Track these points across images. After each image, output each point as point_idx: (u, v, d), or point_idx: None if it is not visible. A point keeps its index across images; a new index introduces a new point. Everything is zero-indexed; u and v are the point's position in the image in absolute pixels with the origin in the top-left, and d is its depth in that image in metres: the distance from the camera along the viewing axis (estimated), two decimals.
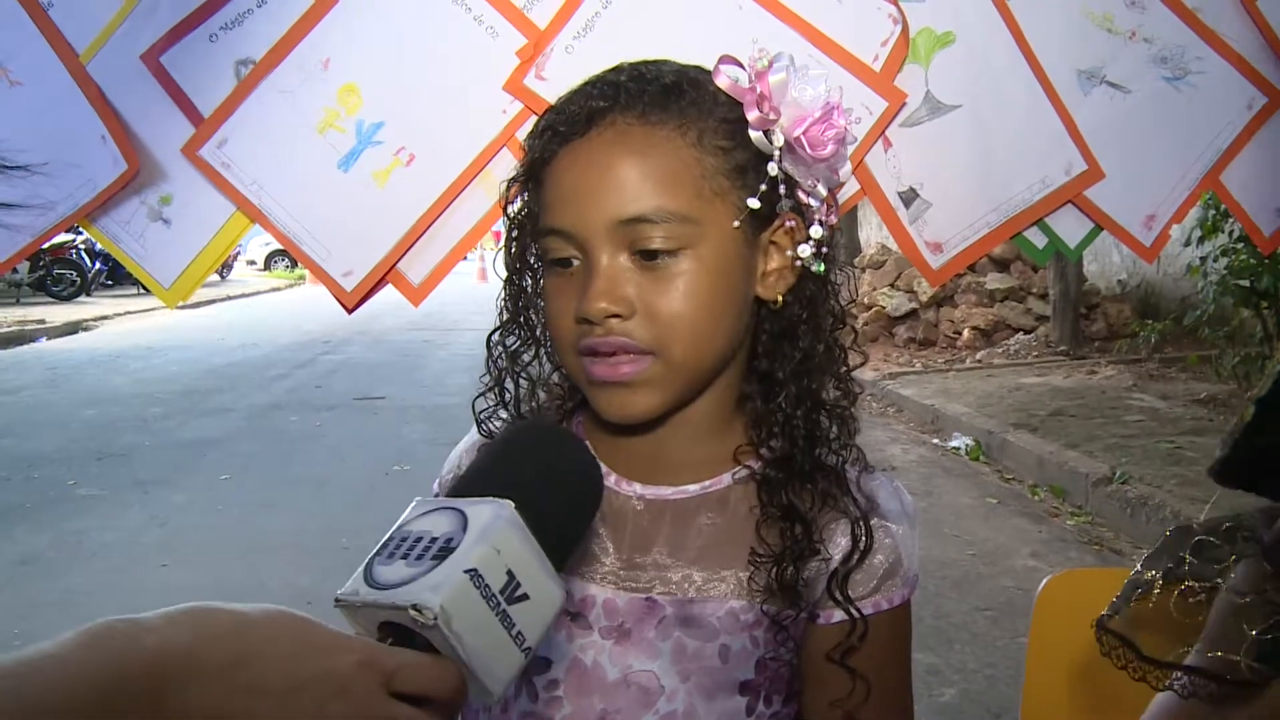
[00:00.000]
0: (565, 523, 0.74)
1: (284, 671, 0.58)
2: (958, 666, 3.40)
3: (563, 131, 0.86)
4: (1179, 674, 0.87)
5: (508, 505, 0.67)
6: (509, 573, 0.65)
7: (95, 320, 15.09)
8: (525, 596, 0.65)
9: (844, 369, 0.94)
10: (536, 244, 0.91)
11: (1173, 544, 0.98)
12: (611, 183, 0.83)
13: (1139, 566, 0.99)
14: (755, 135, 0.85)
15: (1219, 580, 0.90)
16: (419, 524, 0.67)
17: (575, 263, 0.86)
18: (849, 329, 0.95)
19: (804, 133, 0.85)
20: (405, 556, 0.65)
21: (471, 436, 1.03)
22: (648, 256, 0.83)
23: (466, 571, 0.63)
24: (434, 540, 0.65)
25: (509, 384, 0.97)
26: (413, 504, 0.70)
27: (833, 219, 0.91)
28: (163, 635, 0.55)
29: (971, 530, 4.82)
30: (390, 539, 0.67)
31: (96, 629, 0.54)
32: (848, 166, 0.92)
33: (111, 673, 0.53)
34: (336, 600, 0.65)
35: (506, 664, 0.65)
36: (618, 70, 0.88)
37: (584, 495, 0.77)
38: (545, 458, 0.77)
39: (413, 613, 0.61)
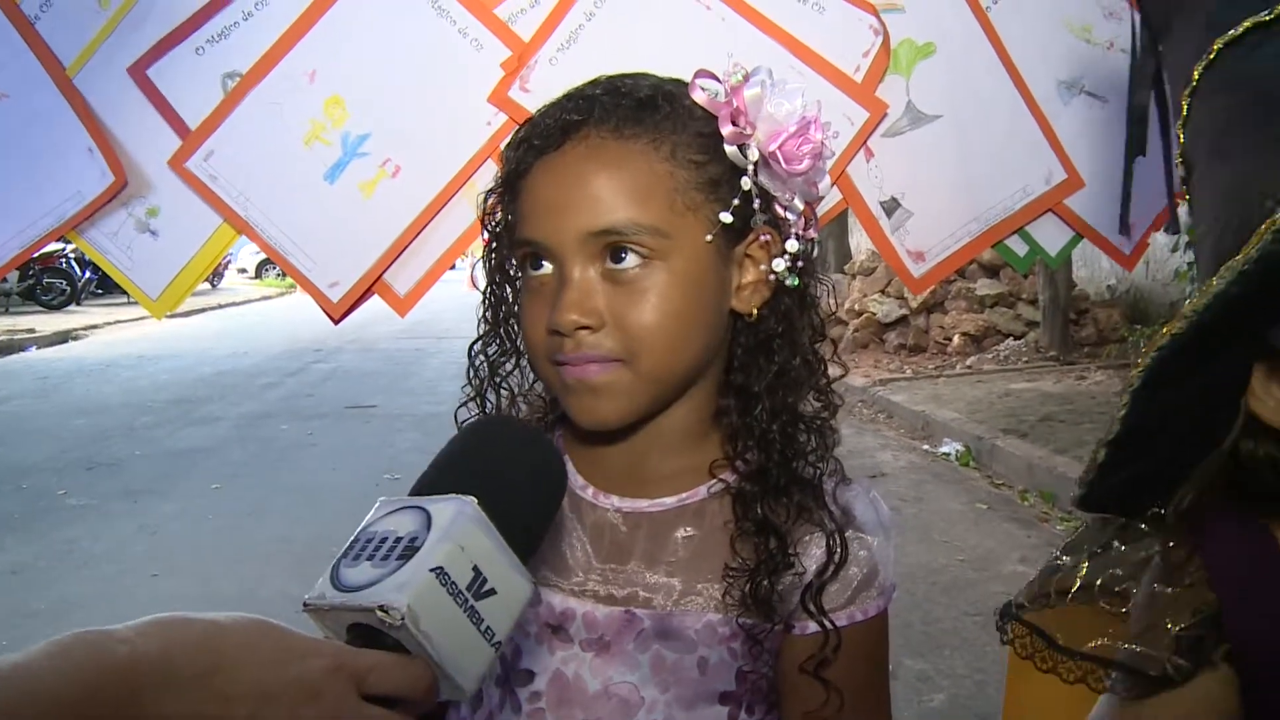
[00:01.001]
0: (529, 515, 0.73)
1: (256, 679, 0.58)
2: (947, 672, 3.40)
3: (537, 145, 0.86)
4: (1102, 668, 0.85)
5: (470, 502, 0.66)
6: (475, 569, 0.65)
7: (85, 329, 15.04)
8: (492, 591, 0.65)
9: (824, 380, 0.93)
10: (513, 255, 0.92)
11: (1092, 534, 0.97)
12: (583, 196, 0.83)
13: (1057, 553, 0.98)
14: (730, 150, 0.86)
15: (1142, 575, 0.87)
16: (383, 524, 0.67)
17: (546, 265, 0.86)
18: (829, 340, 0.95)
19: (779, 147, 0.85)
20: (371, 558, 0.65)
21: None
22: (618, 268, 0.84)
23: (432, 570, 0.63)
24: (399, 540, 0.65)
25: (490, 395, 0.97)
26: (377, 504, 0.70)
27: (811, 233, 0.91)
28: (134, 645, 0.56)
29: (961, 536, 4.83)
30: (355, 540, 0.67)
31: (67, 640, 0.54)
32: (827, 180, 0.92)
33: (84, 682, 0.53)
34: (304, 605, 0.65)
35: (477, 660, 0.65)
36: (594, 84, 0.88)
37: (547, 486, 0.77)
38: (506, 452, 0.77)
39: (380, 614, 0.61)
